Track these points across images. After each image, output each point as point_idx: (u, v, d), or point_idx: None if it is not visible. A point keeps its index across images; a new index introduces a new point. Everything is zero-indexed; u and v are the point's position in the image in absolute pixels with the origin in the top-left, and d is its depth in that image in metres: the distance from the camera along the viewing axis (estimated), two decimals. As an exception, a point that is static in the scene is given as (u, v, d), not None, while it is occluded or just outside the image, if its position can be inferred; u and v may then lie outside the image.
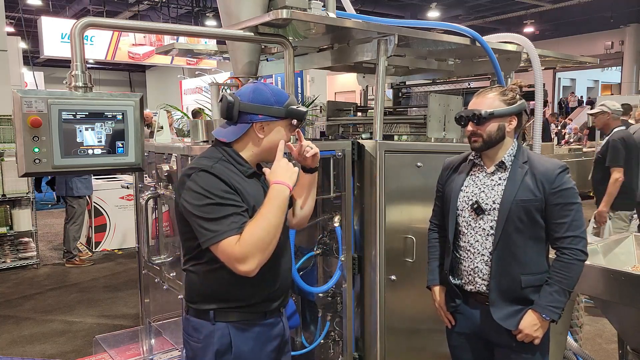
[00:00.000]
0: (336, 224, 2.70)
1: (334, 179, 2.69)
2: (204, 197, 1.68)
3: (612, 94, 20.63)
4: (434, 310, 2.30)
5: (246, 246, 1.64)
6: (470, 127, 2.08)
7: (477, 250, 2.09)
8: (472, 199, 2.11)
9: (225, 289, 1.79)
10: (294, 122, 1.88)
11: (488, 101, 2.07)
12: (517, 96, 2.10)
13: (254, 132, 1.83)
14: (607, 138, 4.95)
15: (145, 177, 3.07)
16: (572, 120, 17.05)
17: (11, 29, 12.50)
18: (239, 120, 1.82)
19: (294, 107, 1.85)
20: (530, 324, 2.01)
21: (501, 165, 2.10)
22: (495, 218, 2.04)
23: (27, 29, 11.56)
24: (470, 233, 2.11)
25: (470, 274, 2.12)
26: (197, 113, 7.40)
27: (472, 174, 2.18)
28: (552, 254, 2.10)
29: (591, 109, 6.41)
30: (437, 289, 2.28)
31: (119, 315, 4.77)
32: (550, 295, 2.00)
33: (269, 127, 1.83)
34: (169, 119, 8.20)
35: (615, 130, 4.88)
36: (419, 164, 2.80)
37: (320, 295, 2.86)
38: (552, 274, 2.02)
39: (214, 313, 1.80)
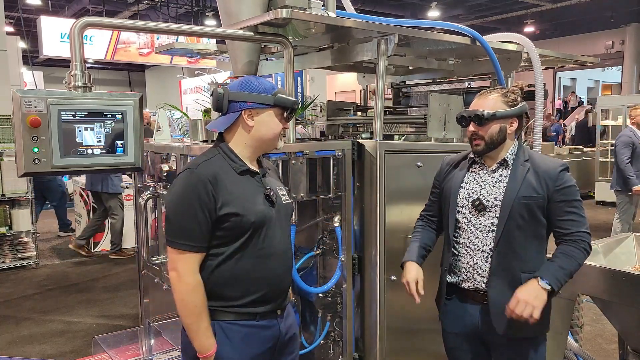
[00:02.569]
0: (336, 224, 2.70)
1: (334, 178, 2.68)
2: (174, 194, 1.79)
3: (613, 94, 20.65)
4: (434, 310, 2.29)
5: (182, 286, 1.77)
6: (471, 128, 2.09)
7: (477, 246, 2.09)
8: (472, 196, 2.11)
9: (216, 288, 1.81)
10: (285, 114, 1.89)
11: (490, 102, 2.08)
12: (519, 98, 2.11)
13: (244, 121, 1.85)
14: None
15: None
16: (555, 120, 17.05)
17: (10, 29, 12.49)
18: (228, 110, 1.85)
19: (283, 95, 1.87)
20: (527, 290, 1.92)
21: (502, 163, 2.11)
22: (497, 215, 2.04)
23: (27, 28, 11.56)
24: (471, 230, 2.11)
25: (469, 271, 2.12)
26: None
27: (472, 171, 2.18)
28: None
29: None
30: (409, 264, 2.20)
31: (119, 316, 4.77)
32: (552, 267, 1.95)
33: (258, 115, 1.85)
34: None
35: None
36: (419, 163, 2.80)
37: (320, 295, 2.85)
38: (555, 256, 2.00)
39: None
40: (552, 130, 15.33)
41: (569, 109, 19.98)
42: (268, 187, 1.89)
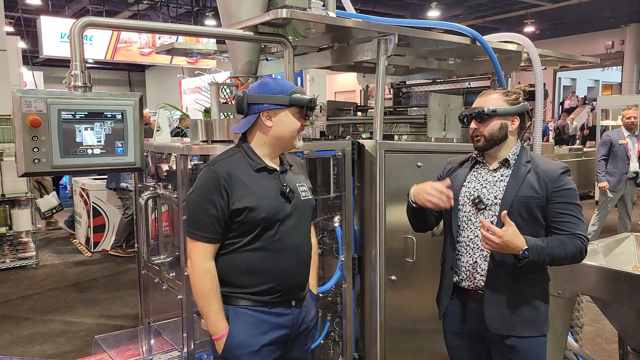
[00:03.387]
0: (336, 224, 2.70)
1: (334, 178, 2.68)
2: (193, 188, 1.93)
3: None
4: (434, 310, 2.28)
5: (192, 272, 1.90)
6: (473, 125, 2.11)
7: (477, 245, 2.09)
8: (473, 194, 2.12)
9: (229, 276, 1.92)
10: (303, 112, 1.95)
11: (491, 100, 2.10)
12: (520, 98, 2.13)
13: (262, 122, 1.93)
14: None
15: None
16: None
17: (10, 29, 12.49)
18: (248, 112, 1.94)
19: (298, 95, 1.92)
20: (512, 239, 1.88)
21: (504, 163, 2.12)
22: (496, 213, 2.05)
23: (27, 28, 11.54)
24: (470, 228, 2.12)
25: (469, 270, 2.12)
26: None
27: (474, 171, 2.19)
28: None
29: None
30: (416, 185, 2.13)
31: (119, 316, 4.77)
32: (539, 241, 1.94)
33: (275, 116, 1.93)
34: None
35: None
36: (419, 163, 2.80)
37: (320, 295, 2.85)
38: (549, 239, 1.98)
39: None
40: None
41: (568, 108, 19.98)
42: (285, 184, 1.95)
